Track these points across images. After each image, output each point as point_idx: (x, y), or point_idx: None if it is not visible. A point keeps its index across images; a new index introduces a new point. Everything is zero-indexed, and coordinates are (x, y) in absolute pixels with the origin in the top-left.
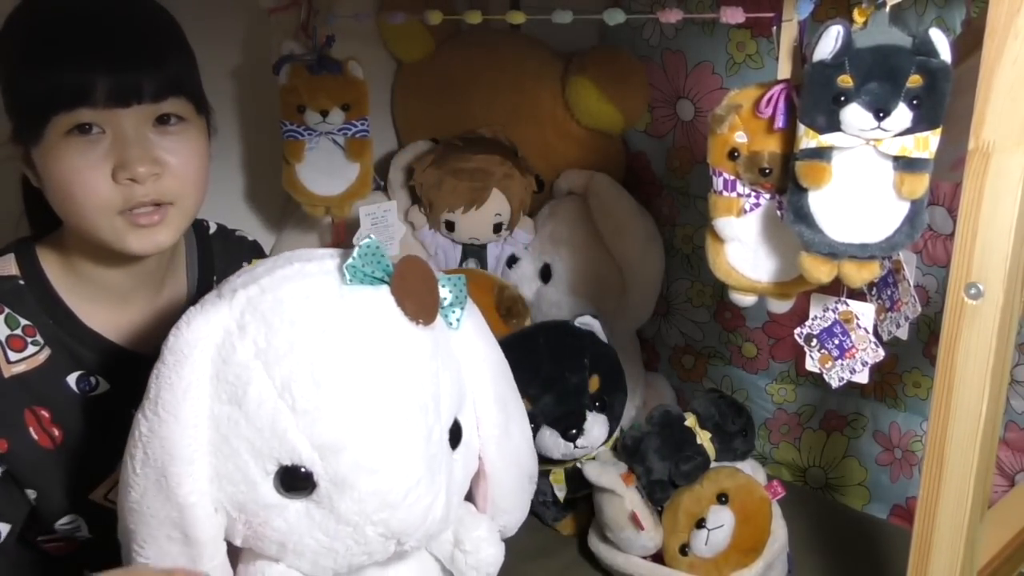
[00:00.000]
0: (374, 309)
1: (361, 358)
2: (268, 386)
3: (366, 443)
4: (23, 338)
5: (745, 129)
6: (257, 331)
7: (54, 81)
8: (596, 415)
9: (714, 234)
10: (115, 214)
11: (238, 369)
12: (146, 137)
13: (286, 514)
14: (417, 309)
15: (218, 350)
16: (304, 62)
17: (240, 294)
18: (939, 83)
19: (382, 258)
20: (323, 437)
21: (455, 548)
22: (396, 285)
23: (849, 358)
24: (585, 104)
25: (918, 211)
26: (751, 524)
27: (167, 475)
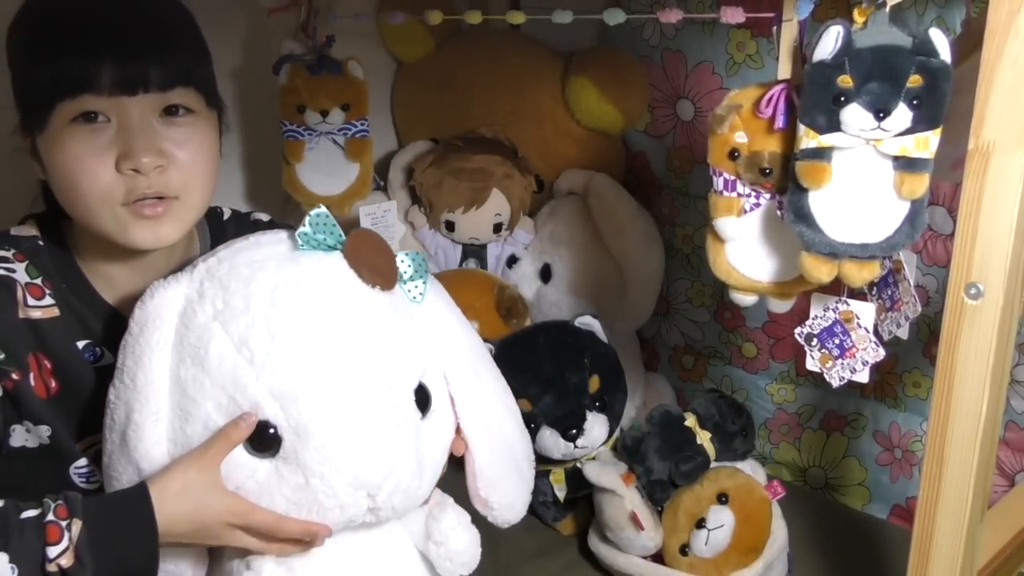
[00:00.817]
0: (327, 270)
1: (314, 309)
2: (227, 343)
3: (323, 389)
4: (41, 288)
5: (745, 129)
6: (215, 295)
7: (59, 67)
8: (596, 415)
9: (714, 234)
10: (118, 205)
11: (199, 331)
12: (152, 127)
13: (257, 475)
14: (373, 273)
15: (180, 318)
16: (304, 62)
17: (200, 266)
18: (939, 83)
19: (334, 227)
20: (282, 386)
21: (428, 542)
22: (350, 252)
23: (850, 357)
24: (585, 104)
25: (918, 211)
26: (751, 524)
27: (126, 437)
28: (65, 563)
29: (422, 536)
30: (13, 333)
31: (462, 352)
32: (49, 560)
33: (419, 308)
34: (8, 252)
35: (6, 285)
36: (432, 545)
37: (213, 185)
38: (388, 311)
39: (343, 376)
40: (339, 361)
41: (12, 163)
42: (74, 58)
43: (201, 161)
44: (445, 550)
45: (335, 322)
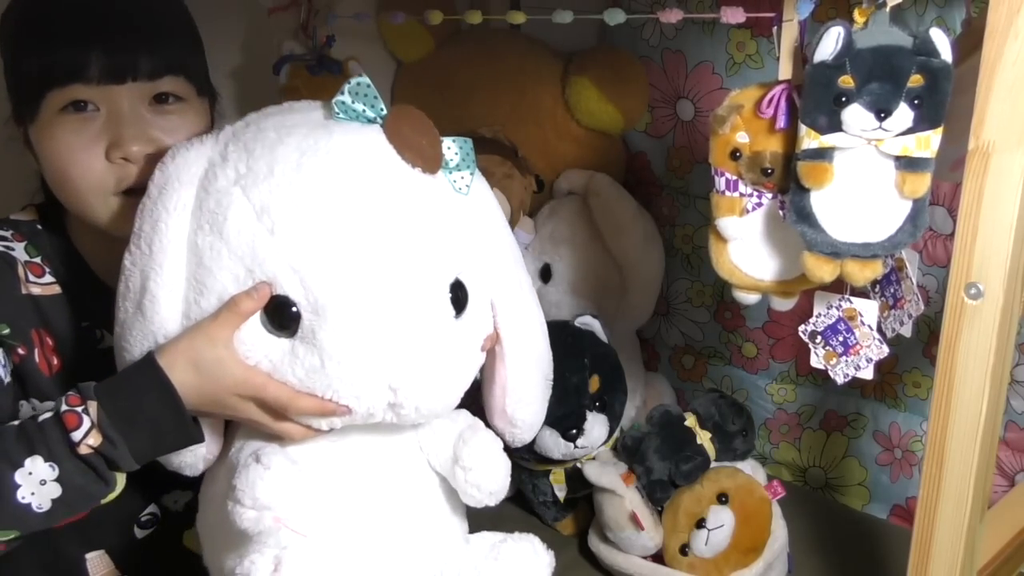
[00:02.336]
0: (363, 143)
1: (345, 181)
2: (248, 210)
3: (348, 266)
4: (41, 266)
5: (747, 129)
6: (239, 158)
7: (48, 57)
8: (596, 415)
9: (717, 234)
10: (110, 194)
11: (218, 196)
12: (141, 116)
13: (271, 354)
14: (415, 152)
15: (201, 182)
16: (304, 62)
17: (227, 129)
18: (940, 83)
19: (375, 99)
20: (303, 260)
21: (455, 465)
22: (391, 126)
23: (854, 355)
24: (585, 104)
25: (920, 210)
26: (751, 524)
27: (142, 307)
28: (93, 442)
29: (447, 460)
30: (16, 308)
31: (506, 257)
32: (76, 444)
33: (464, 201)
34: (7, 232)
35: (6, 261)
36: (459, 470)
37: None
38: (427, 196)
39: (371, 254)
40: (368, 238)
41: (12, 154)
42: (63, 48)
43: None
44: (474, 476)
45: (367, 197)
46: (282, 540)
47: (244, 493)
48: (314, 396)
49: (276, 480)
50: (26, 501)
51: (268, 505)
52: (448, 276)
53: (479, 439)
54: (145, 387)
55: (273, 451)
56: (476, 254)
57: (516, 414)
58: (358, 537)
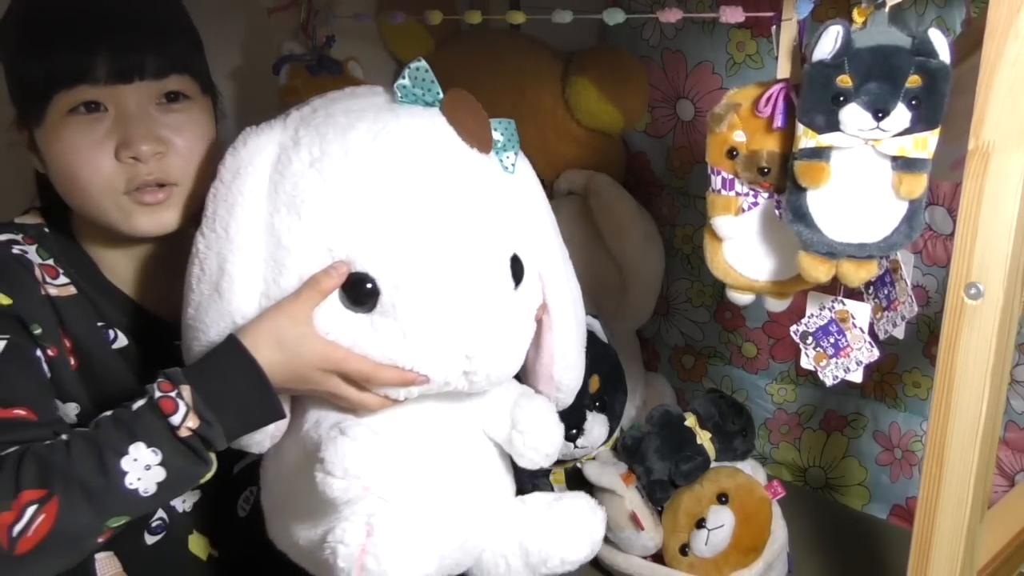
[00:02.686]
0: (427, 124)
1: (416, 161)
2: (325, 191)
3: (425, 242)
4: (55, 268)
5: (744, 128)
6: (311, 142)
7: (54, 59)
8: (596, 415)
9: (712, 233)
10: (120, 194)
11: (295, 179)
12: (149, 115)
13: (352, 330)
14: (470, 133)
15: (274, 166)
16: (304, 62)
17: (294, 115)
18: (938, 83)
19: (432, 83)
20: (382, 237)
21: (512, 430)
22: (448, 108)
23: (844, 357)
24: (585, 104)
25: (916, 211)
26: (751, 524)
27: (220, 288)
28: (192, 425)
29: (503, 426)
30: (42, 309)
31: (549, 232)
32: (176, 428)
33: (512, 179)
34: (16, 235)
35: (23, 263)
36: (516, 434)
37: (213, 170)
38: (486, 174)
39: (446, 231)
40: (442, 215)
41: (10, 158)
42: (69, 50)
43: (199, 147)
44: (531, 439)
45: (437, 175)
46: (370, 507)
47: (334, 464)
48: (395, 367)
49: (363, 450)
50: (133, 487)
51: (357, 475)
52: (508, 251)
53: (534, 405)
54: (233, 368)
55: (355, 423)
56: (526, 229)
57: (563, 379)
58: (432, 499)
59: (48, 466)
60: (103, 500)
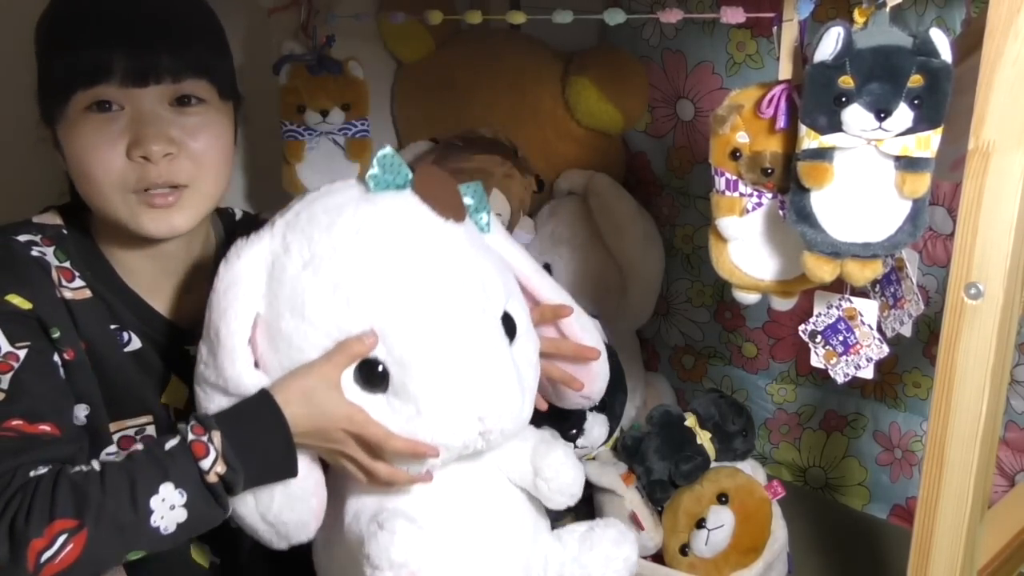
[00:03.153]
0: (403, 208)
1: (400, 245)
2: (322, 289)
3: (421, 320)
4: (71, 271)
5: (747, 129)
6: (300, 246)
7: (75, 59)
8: (596, 415)
9: (717, 233)
10: (129, 192)
11: (292, 284)
12: (162, 116)
13: (371, 410)
14: (444, 206)
15: (269, 273)
16: (304, 62)
17: (279, 222)
18: (940, 83)
19: (401, 166)
20: (381, 322)
21: (536, 478)
22: (420, 188)
23: (854, 354)
24: (585, 104)
25: (920, 210)
26: (751, 524)
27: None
28: (220, 470)
29: (527, 474)
30: (59, 311)
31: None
32: (206, 472)
33: (489, 237)
34: (35, 236)
35: (42, 266)
36: (541, 481)
37: (226, 175)
38: (466, 241)
39: (439, 305)
40: (432, 291)
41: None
42: (89, 50)
43: (213, 150)
44: (556, 484)
45: (421, 255)
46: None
47: (380, 559)
48: (405, 438)
49: (403, 540)
50: (156, 525)
51: (404, 563)
52: (499, 310)
53: (555, 454)
54: (263, 420)
55: (391, 515)
56: (511, 280)
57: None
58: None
59: (83, 496)
60: (130, 536)
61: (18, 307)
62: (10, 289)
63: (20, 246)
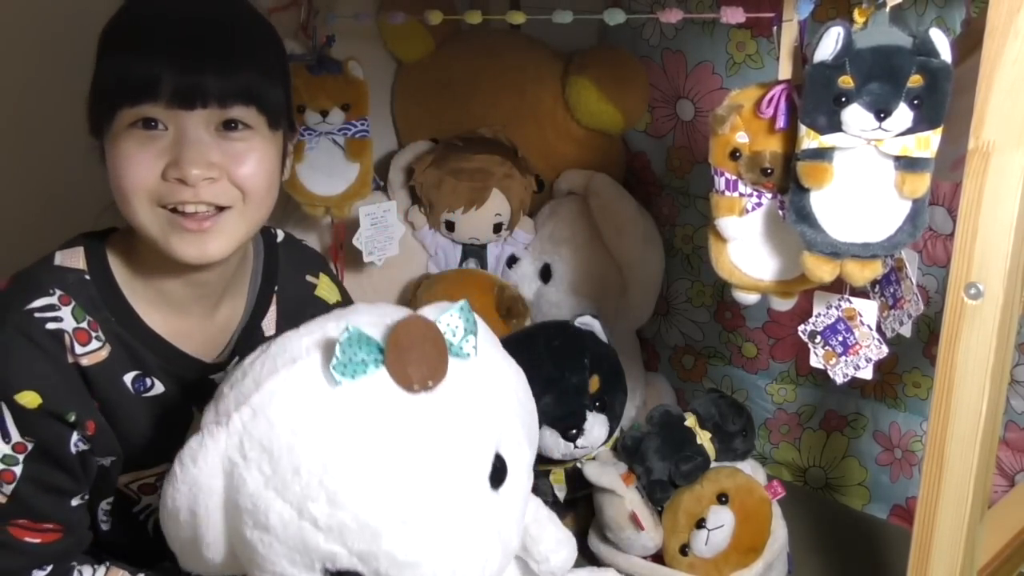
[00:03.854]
0: (371, 399)
1: (369, 458)
2: (287, 510)
3: (399, 541)
4: (88, 331)
5: (746, 129)
6: (260, 459)
7: (124, 73)
8: (596, 415)
9: (717, 233)
10: (156, 204)
11: (254, 499)
12: (205, 141)
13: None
14: (421, 376)
15: (228, 479)
16: (304, 62)
17: (235, 419)
18: (940, 83)
19: (367, 341)
20: (355, 546)
21: (527, 555)
22: (391, 362)
23: (853, 354)
24: (585, 104)
25: (919, 210)
26: (751, 524)
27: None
28: None
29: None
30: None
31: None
32: None
33: (476, 362)
34: (54, 297)
35: (56, 338)
36: (533, 562)
37: (269, 206)
38: (446, 411)
39: (418, 522)
40: (411, 508)
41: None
42: (138, 66)
43: (256, 178)
44: (547, 567)
45: (396, 467)
46: None
47: None
48: None
49: None
50: None
51: None
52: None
53: (547, 535)
54: None
55: None
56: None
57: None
58: None
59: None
60: None
61: (26, 407)
62: (20, 386)
63: (35, 324)
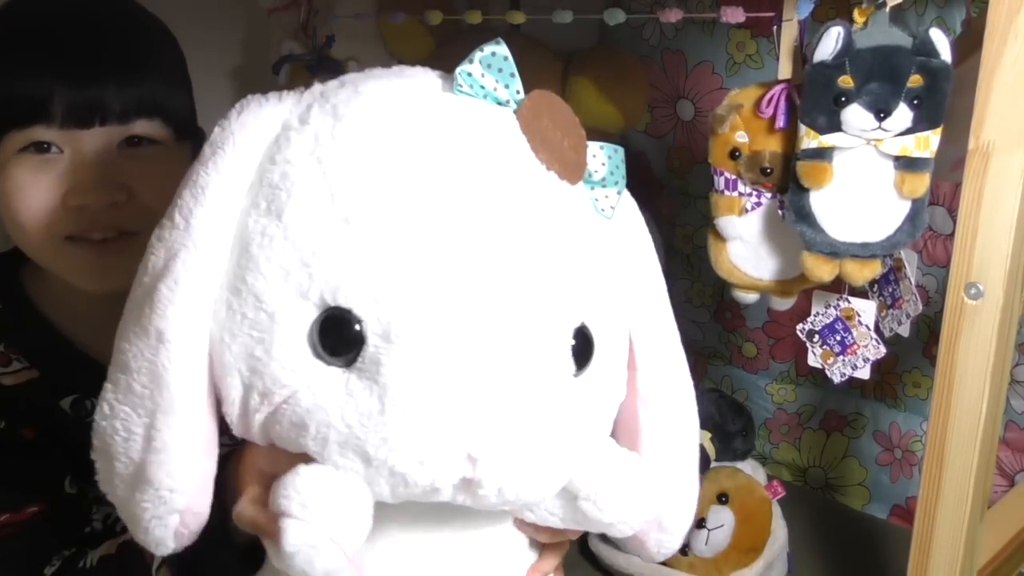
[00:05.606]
0: (487, 129)
1: (454, 175)
2: (320, 189)
3: (438, 284)
4: (6, 355)
5: (746, 129)
6: (322, 123)
7: (8, 94)
8: None
9: (716, 233)
10: (60, 239)
11: (286, 167)
12: (108, 161)
13: (315, 385)
14: (552, 153)
15: (268, 148)
16: (304, 62)
17: (315, 88)
18: (940, 83)
19: (512, 76)
20: (381, 264)
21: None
22: (525, 115)
23: (851, 354)
24: (585, 104)
25: (919, 210)
26: (751, 524)
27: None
28: None
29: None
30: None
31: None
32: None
33: (605, 226)
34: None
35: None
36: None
37: None
38: (561, 211)
39: (476, 271)
40: (476, 249)
41: None
42: (25, 85)
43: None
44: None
45: (483, 195)
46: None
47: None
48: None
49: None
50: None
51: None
52: (571, 320)
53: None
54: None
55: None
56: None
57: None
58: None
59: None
60: None
61: None
62: None
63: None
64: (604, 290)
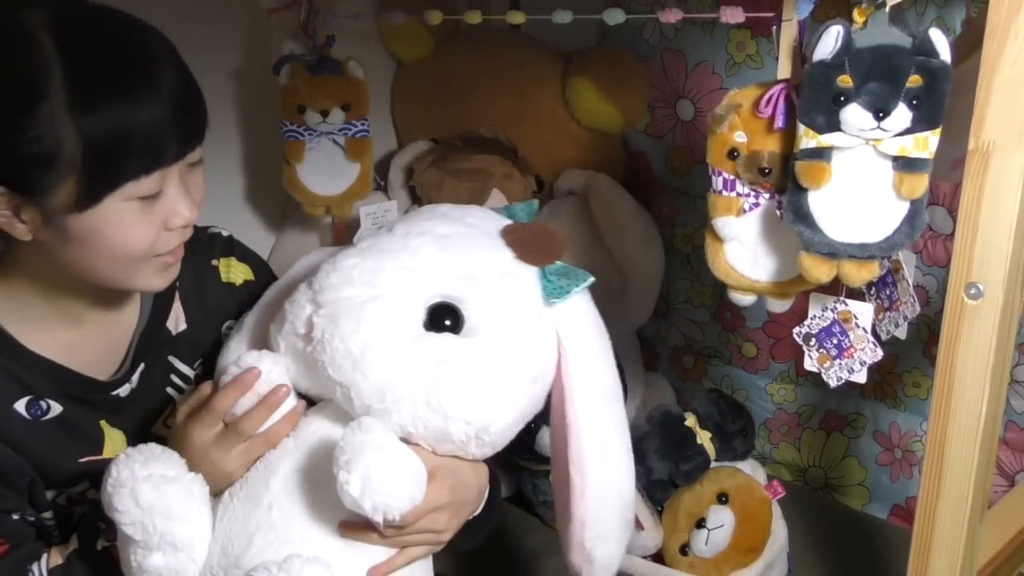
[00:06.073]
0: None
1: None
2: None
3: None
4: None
5: (745, 129)
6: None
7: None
8: None
9: (713, 233)
10: (154, 256)
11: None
12: (186, 185)
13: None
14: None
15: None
16: (304, 62)
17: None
18: (939, 83)
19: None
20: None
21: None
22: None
23: (847, 357)
24: (585, 104)
25: (917, 211)
26: (751, 524)
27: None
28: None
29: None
30: None
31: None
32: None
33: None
34: None
35: None
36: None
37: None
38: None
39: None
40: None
41: None
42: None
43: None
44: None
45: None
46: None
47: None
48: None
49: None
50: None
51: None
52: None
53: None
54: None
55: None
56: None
57: (594, 550)
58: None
59: None
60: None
61: None
62: None
63: None
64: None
